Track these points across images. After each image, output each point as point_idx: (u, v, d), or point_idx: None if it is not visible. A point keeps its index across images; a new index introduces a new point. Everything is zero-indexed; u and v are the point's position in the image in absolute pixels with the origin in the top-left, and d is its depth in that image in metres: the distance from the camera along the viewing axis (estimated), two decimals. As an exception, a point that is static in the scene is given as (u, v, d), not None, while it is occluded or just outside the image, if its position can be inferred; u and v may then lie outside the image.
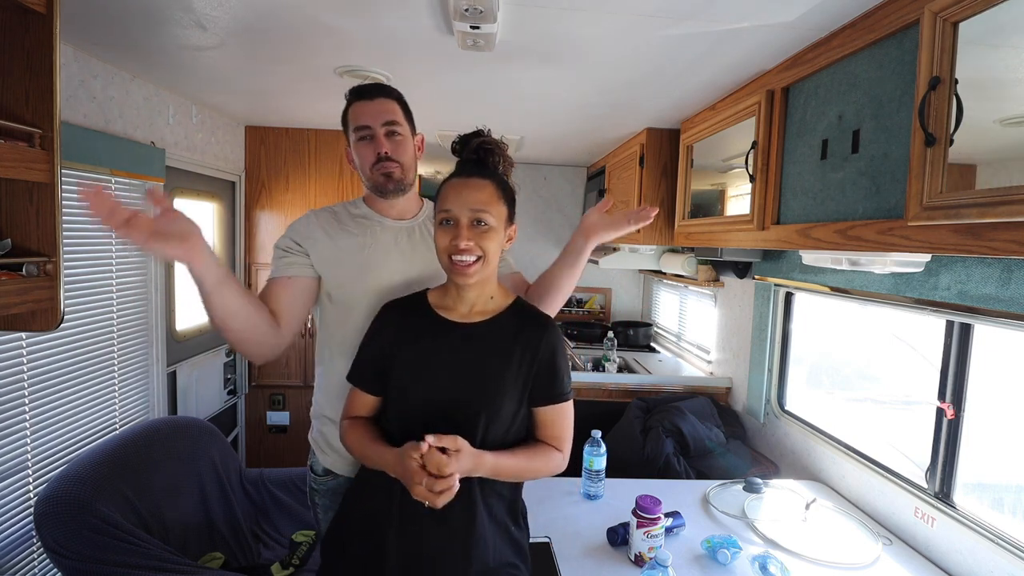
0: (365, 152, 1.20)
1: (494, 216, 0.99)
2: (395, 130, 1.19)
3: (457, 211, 0.98)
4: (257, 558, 1.94)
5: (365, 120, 1.19)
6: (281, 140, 2.83)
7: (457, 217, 0.98)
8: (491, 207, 0.99)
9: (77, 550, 1.33)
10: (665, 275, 3.16)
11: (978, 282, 1.19)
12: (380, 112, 1.19)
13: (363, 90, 1.20)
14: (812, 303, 2.00)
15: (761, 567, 1.25)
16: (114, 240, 1.88)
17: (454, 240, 0.97)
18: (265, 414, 2.94)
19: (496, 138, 1.08)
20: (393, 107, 1.21)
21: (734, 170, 1.72)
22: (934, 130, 0.90)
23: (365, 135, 1.19)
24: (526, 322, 1.06)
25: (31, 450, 1.55)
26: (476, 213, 0.98)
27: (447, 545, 0.98)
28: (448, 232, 0.99)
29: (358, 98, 1.20)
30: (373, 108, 1.19)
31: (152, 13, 1.36)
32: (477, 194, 0.99)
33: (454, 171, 1.05)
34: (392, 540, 0.99)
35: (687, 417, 2.05)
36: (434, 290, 1.10)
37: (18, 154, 1.04)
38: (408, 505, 0.94)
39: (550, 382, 1.03)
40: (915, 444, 1.47)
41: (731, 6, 1.19)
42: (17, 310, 1.08)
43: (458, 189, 1.00)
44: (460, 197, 0.99)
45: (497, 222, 1.00)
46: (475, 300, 1.05)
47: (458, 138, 1.09)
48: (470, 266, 0.98)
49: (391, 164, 1.18)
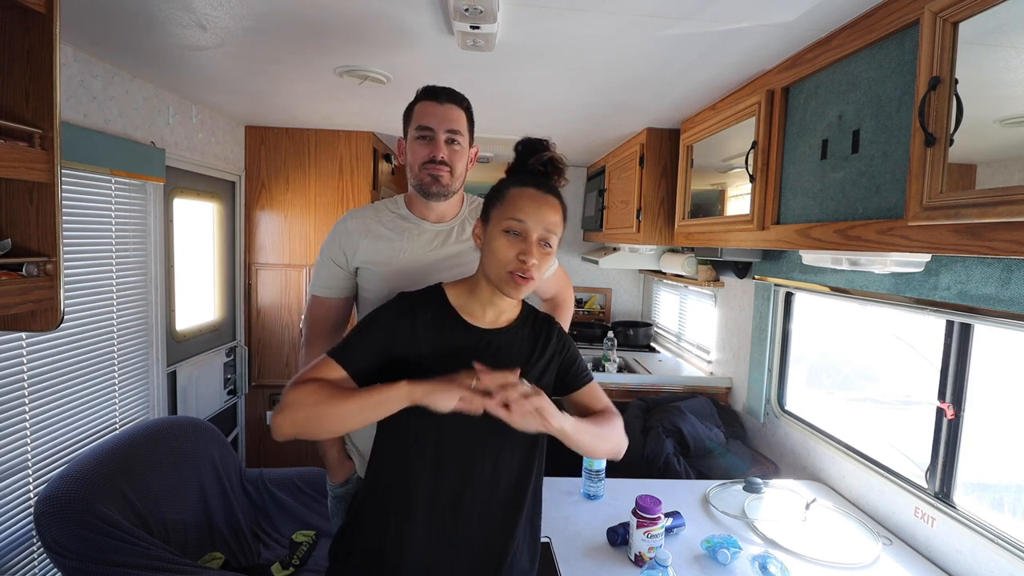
0: (420, 151, 1.20)
1: (557, 239, 0.97)
2: (456, 139, 1.20)
3: (531, 225, 0.93)
4: (257, 558, 1.94)
5: (430, 121, 1.19)
6: (281, 140, 2.83)
7: (529, 231, 0.93)
8: (559, 230, 0.97)
9: (77, 550, 1.33)
10: (665, 275, 3.17)
11: (978, 282, 1.19)
12: (446, 118, 1.19)
13: (435, 91, 1.21)
14: (812, 303, 2.00)
15: (761, 567, 1.25)
16: (114, 240, 1.88)
17: (522, 255, 0.92)
18: (265, 414, 2.94)
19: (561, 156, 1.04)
20: (460, 115, 1.21)
21: (734, 170, 1.72)
22: (934, 130, 0.90)
23: (426, 135, 1.20)
24: (537, 322, 1.07)
25: (31, 450, 1.55)
26: (547, 234, 0.94)
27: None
28: (515, 244, 0.93)
29: (429, 98, 1.21)
30: (441, 112, 1.19)
31: (152, 13, 1.36)
32: (552, 215, 0.95)
33: (524, 178, 0.99)
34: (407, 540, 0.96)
35: (687, 417, 2.05)
36: (453, 289, 1.03)
37: (18, 154, 1.04)
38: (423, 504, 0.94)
39: (580, 369, 1.08)
40: (915, 444, 1.47)
41: (731, 6, 1.19)
42: (17, 310, 1.08)
43: (537, 203, 0.94)
44: (538, 212, 0.94)
45: (555, 247, 0.98)
46: (505, 308, 1.02)
47: (524, 142, 1.03)
48: (528, 283, 0.94)
49: (442, 168, 1.19)
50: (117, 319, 1.91)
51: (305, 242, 2.88)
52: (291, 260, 2.88)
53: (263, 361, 2.92)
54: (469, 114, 1.25)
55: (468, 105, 1.24)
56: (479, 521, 0.97)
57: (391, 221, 1.25)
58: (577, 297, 3.95)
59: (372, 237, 1.23)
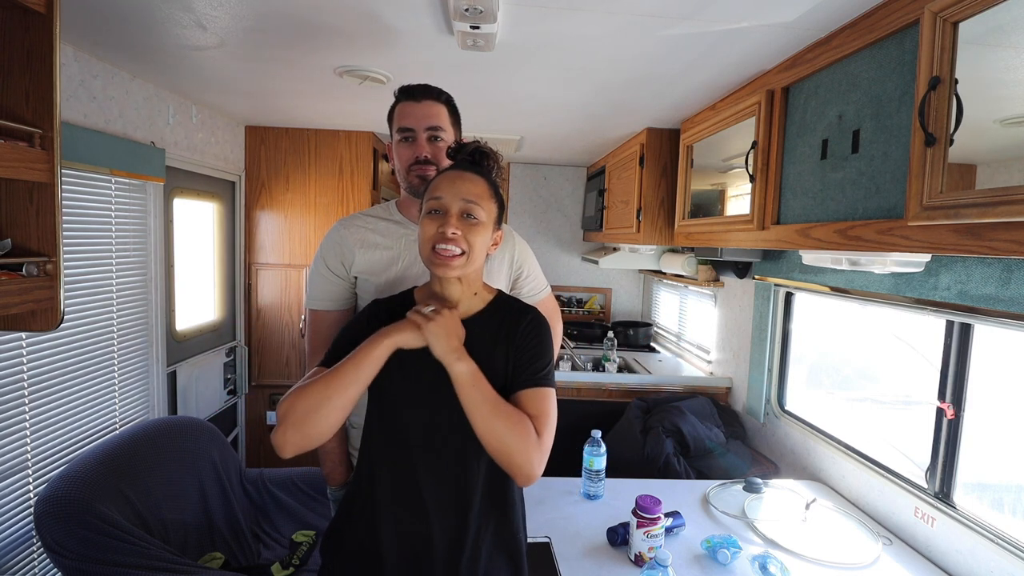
0: (404, 153, 1.19)
1: (485, 211, 0.96)
2: (438, 135, 1.18)
3: (448, 200, 0.95)
4: (257, 558, 1.94)
5: (409, 122, 1.17)
6: (281, 140, 2.83)
7: (447, 207, 0.95)
8: (483, 202, 0.96)
9: (77, 550, 1.33)
10: (665, 275, 3.17)
11: (978, 282, 1.19)
12: (425, 116, 1.17)
13: (411, 90, 1.19)
14: (812, 303, 2.00)
15: (761, 567, 1.25)
16: (114, 240, 1.88)
17: (441, 228, 0.93)
18: (265, 414, 2.94)
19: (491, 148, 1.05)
20: (439, 111, 1.19)
21: (734, 170, 1.72)
22: (934, 130, 0.90)
23: (407, 136, 1.18)
24: (508, 315, 1.02)
25: (31, 450, 1.55)
26: (467, 205, 0.95)
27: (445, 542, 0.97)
28: (435, 220, 0.95)
29: (406, 98, 1.19)
30: (419, 111, 1.17)
31: (152, 13, 1.36)
32: (471, 187, 0.96)
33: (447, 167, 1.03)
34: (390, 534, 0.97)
35: (687, 417, 2.05)
36: (421, 290, 1.06)
37: (18, 154, 1.04)
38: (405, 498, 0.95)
39: (527, 363, 0.96)
40: (915, 444, 1.47)
41: (731, 6, 1.19)
42: (17, 310, 1.08)
43: (451, 179, 0.97)
44: (453, 186, 0.96)
45: (487, 218, 0.97)
46: (458, 297, 1.00)
47: (454, 144, 1.07)
48: (454, 257, 0.94)
49: (428, 167, 1.17)
50: (117, 319, 1.91)
51: (305, 242, 2.88)
52: (291, 260, 2.89)
53: (263, 361, 2.92)
54: (450, 107, 1.22)
55: (448, 99, 1.22)
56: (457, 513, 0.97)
57: (385, 228, 1.22)
58: (577, 297, 3.96)
59: (367, 247, 1.20)
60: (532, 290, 1.34)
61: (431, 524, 0.96)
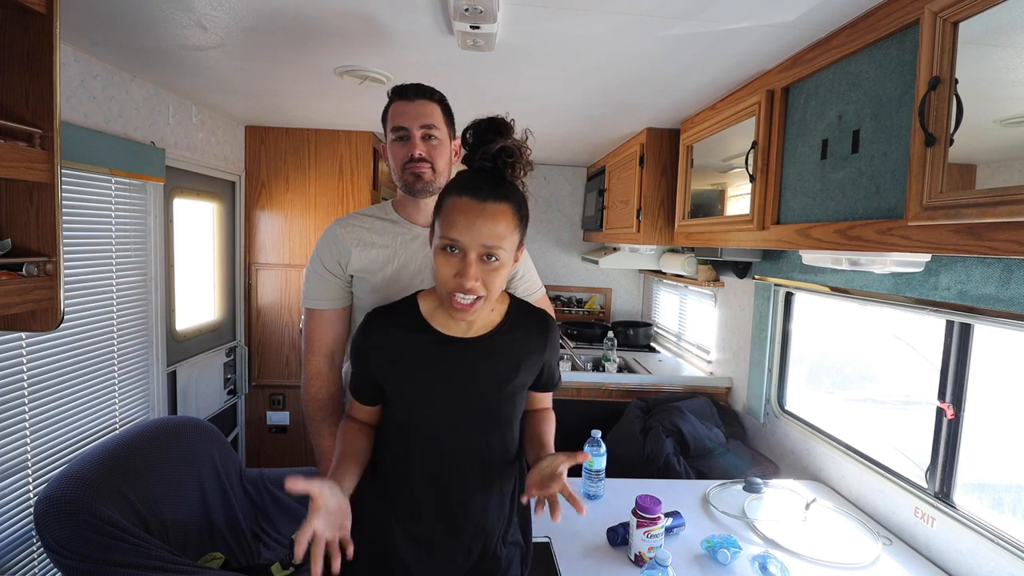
0: (398, 152, 1.19)
1: (507, 250, 0.87)
2: (432, 134, 1.19)
3: (467, 242, 0.84)
4: (257, 558, 1.94)
5: (402, 121, 1.18)
6: (281, 140, 2.83)
7: (466, 249, 0.84)
8: (505, 240, 0.86)
9: (77, 550, 1.33)
10: (665, 275, 3.16)
11: (978, 282, 1.19)
12: (419, 114, 1.17)
13: (404, 90, 1.19)
14: (812, 303, 2.00)
15: (761, 567, 1.25)
16: (114, 240, 1.88)
17: (459, 276, 0.84)
18: (265, 414, 2.94)
19: (520, 138, 0.92)
20: (433, 110, 1.19)
21: (734, 170, 1.72)
22: (934, 130, 0.90)
23: (401, 135, 1.18)
24: (529, 328, 1.00)
25: (31, 450, 1.55)
26: (488, 248, 0.84)
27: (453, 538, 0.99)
28: (452, 263, 0.85)
29: (399, 98, 1.19)
30: (412, 110, 1.17)
31: (152, 13, 1.36)
32: (492, 225, 0.84)
33: (463, 183, 0.88)
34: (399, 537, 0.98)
35: (687, 417, 2.05)
36: (427, 298, 0.99)
37: (18, 154, 1.04)
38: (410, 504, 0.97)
39: (550, 377, 1.09)
40: (915, 444, 1.47)
41: (731, 6, 1.19)
42: (17, 310, 1.08)
43: (471, 217, 0.84)
44: (472, 228, 0.83)
45: (508, 255, 0.88)
46: (474, 320, 0.95)
47: (474, 127, 0.92)
48: (471, 305, 0.86)
49: (423, 165, 1.17)
50: (117, 319, 1.91)
51: (305, 242, 2.88)
52: (291, 260, 2.88)
53: (263, 361, 2.92)
54: (444, 106, 1.22)
55: (441, 98, 1.22)
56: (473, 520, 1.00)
57: (381, 227, 1.22)
58: (577, 297, 3.96)
59: (363, 246, 1.20)
60: (527, 290, 1.34)
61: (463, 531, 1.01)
